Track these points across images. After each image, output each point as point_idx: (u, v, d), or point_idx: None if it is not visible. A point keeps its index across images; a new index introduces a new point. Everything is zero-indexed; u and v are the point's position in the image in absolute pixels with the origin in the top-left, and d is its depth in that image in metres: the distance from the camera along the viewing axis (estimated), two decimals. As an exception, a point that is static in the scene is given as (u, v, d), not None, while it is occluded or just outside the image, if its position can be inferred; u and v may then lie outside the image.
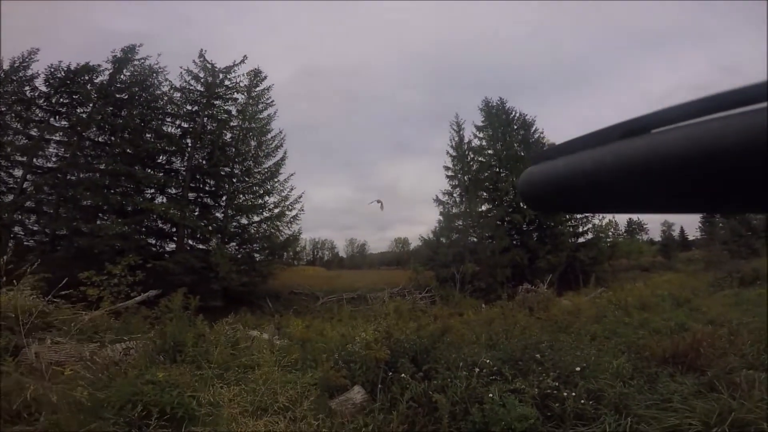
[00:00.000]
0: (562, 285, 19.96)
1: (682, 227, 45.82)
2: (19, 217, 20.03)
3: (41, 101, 21.63)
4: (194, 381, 3.47)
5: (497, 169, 27.91)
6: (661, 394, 3.77)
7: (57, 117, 21.77)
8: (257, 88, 25.01)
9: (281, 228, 23.95)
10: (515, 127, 29.54)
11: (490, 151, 28.88)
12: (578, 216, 27.94)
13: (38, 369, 3.36)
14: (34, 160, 21.12)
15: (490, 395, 3.41)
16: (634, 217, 43.94)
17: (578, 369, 3.96)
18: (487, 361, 4.04)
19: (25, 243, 20.00)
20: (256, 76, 25.04)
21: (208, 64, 23.84)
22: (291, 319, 10.49)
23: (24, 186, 20.83)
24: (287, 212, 24.02)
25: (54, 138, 21.46)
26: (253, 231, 23.58)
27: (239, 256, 22.44)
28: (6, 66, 21.33)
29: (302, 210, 24.25)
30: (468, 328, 6.61)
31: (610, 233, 31.48)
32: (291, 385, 3.66)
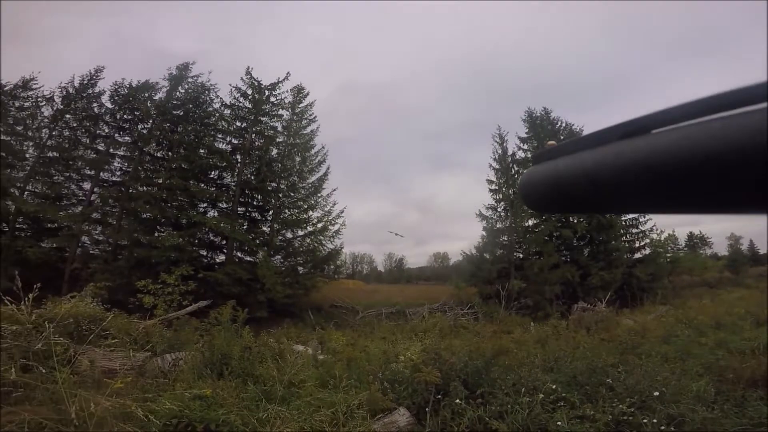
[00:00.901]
0: (618, 303, 18.49)
1: (751, 240, 40.93)
2: (87, 227, 21.50)
3: (107, 117, 23.21)
4: (240, 398, 3.39)
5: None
6: (752, 417, 3.28)
7: (121, 132, 23.38)
8: (300, 105, 25.78)
9: (324, 242, 24.34)
10: (562, 137, 27.67)
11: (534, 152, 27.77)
12: (633, 231, 26.31)
13: (92, 378, 3.43)
14: (101, 173, 22.81)
15: (558, 423, 3.02)
16: (696, 230, 40.16)
17: (656, 394, 3.47)
18: (553, 386, 3.64)
19: (90, 252, 21.64)
20: (299, 92, 25.86)
21: (254, 81, 24.81)
22: (332, 333, 10.43)
23: (92, 198, 22.49)
24: (330, 227, 24.36)
25: (118, 153, 23.12)
26: (297, 245, 24.16)
27: (284, 269, 22.97)
28: (76, 83, 23.18)
29: (344, 225, 24.55)
30: (519, 347, 6.14)
31: (670, 248, 28.91)
32: (336, 405, 3.49)
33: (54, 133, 22.46)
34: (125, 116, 23.22)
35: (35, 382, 3.46)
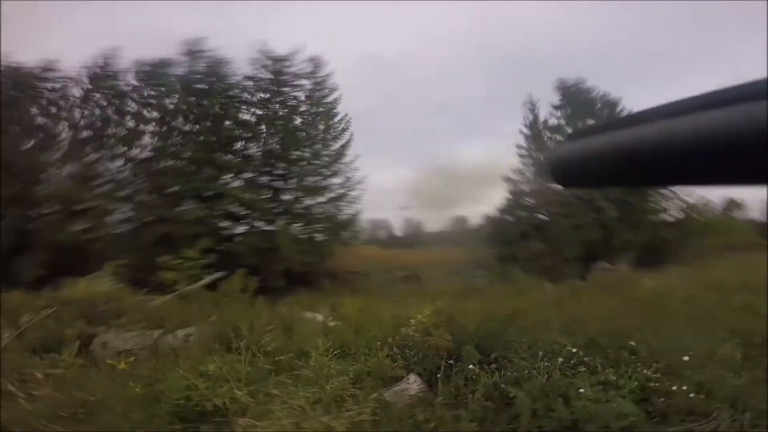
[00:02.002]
0: (642, 264, 18.04)
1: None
2: (114, 206, 21.83)
3: (134, 94, 23.04)
4: (247, 371, 3.33)
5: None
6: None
7: (149, 108, 23.20)
8: (320, 74, 25.34)
9: (344, 208, 24.62)
10: (598, 105, 27.15)
11: (570, 130, 26.94)
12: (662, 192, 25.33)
13: (102, 361, 3.42)
14: (131, 150, 22.70)
15: (581, 390, 2.85)
16: (728, 193, 38.20)
17: (686, 358, 3.25)
18: (573, 349, 3.44)
19: (116, 231, 22.08)
20: (317, 62, 25.27)
21: (271, 53, 24.24)
22: (346, 299, 10.48)
23: (120, 176, 22.50)
24: (351, 192, 24.63)
25: (147, 129, 22.89)
26: (317, 212, 24.29)
27: (301, 236, 23.32)
28: (101, 62, 22.46)
29: (365, 190, 24.74)
30: (535, 309, 5.94)
31: (701, 210, 27.73)
32: (344, 375, 3.40)
33: (86, 112, 22.41)
34: (151, 92, 23.04)
35: (46, 369, 3.48)
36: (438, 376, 3.58)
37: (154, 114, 23.12)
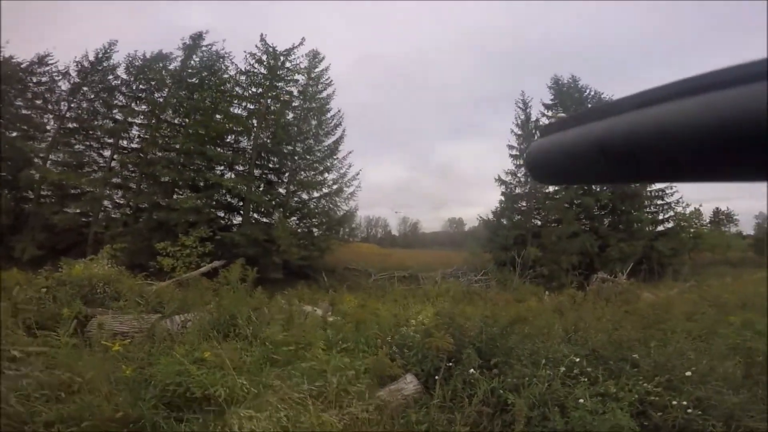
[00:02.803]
0: (639, 276, 17.99)
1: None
2: (108, 191, 22.58)
3: (123, 88, 23.99)
4: (243, 361, 3.30)
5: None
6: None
7: (138, 102, 24.04)
8: (316, 69, 25.78)
9: (339, 204, 24.82)
10: (589, 105, 27.16)
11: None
12: (658, 203, 25.70)
13: (97, 342, 3.37)
14: (120, 141, 23.66)
15: (580, 400, 2.81)
16: (723, 206, 38.05)
17: (689, 374, 3.22)
18: (576, 359, 3.40)
19: (112, 216, 22.51)
20: (315, 57, 25.80)
21: (269, 48, 24.74)
22: (344, 295, 10.46)
23: (112, 164, 23.39)
24: (345, 188, 24.80)
25: (136, 121, 23.82)
26: (312, 206, 24.56)
27: (299, 230, 23.42)
28: (91, 57, 23.75)
29: (359, 187, 24.96)
30: (536, 317, 5.91)
31: (694, 223, 27.69)
32: (342, 370, 3.36)
33: (72, 105, 23.33)
34: (141, 86, 23.90)
35: (41, 348, 3.44)
36: (437, 378, 3.54)
37: (144, 107, 23.75)
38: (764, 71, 0.25)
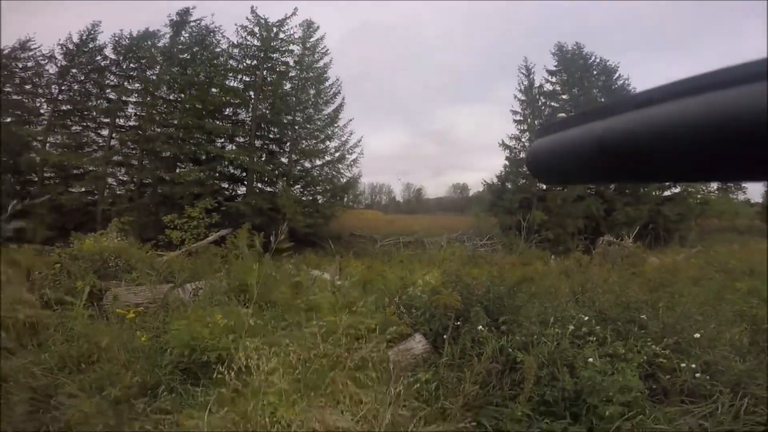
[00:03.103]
0: (642, 241, 17.96)
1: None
2: (111, 169, 22.75)
3: (113, 68, 23.73)
4: (254, 324, 3.36)
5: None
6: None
7: (130, 80, 23.86)
8: (311, 39, 25.37)
9: (342, 171, 24.99)
10: (594, 72, 27.05)
11: (564, 96, 26.79)
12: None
13: (113, 313, 3.45)
14: (117, 120, 23.72)
15: (590, 360, 2.84)
16: None
17: (698, 336, 3.22)
18: (585, 317, 3.42)
19: (117, 192, 22.74)
20: (309, 27, 25.32)
21: (261, 20, 24.21)
22: (351, 261, 10.58)
23: (111, 143, 23.45)
24: (347, 155, 24.89)
25: (131, 99, 23.77)
26: (316, 174, 24.70)
27: (303, 198, 23.59)
28: (76, 40, 23.31)
29: (361, 153, 25.03)
30: (542, 278, 5.94)
31: (702, 188, 27.16)
32: (350, 329, 3.42)
33: (63, 87, 23.15)
34: (131, 65, 23.67)
35: (56, 320, 3.52)
36: (445, 336, 3.58)
37: (137, 85, 23.61)
38: (764, 71, 0.24)
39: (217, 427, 2.16)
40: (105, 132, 23.70)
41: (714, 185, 29.91)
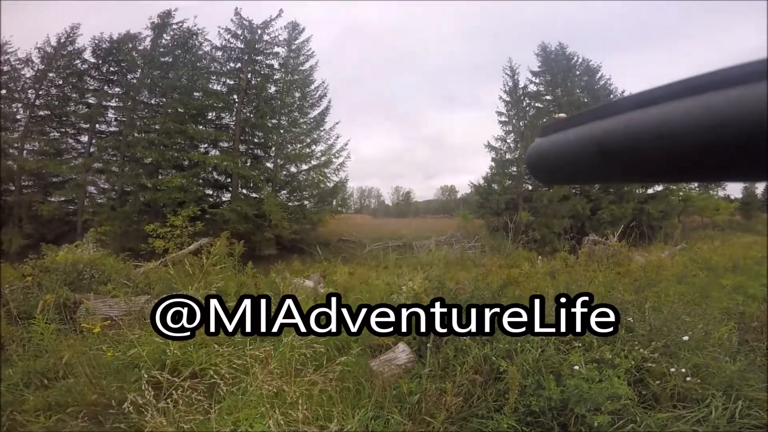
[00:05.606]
0: (627, 239, 18.21)
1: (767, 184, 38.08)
2: (91, 177, 21.93)
3: (93, 72, 23.13)
4: (229, 337, 3.20)
5: (557, 115, 25.88)
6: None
7: (110, 84, 23.26)
8: (296, 41, 25.06)
9: (329, 175, 24.60)
10: (577, 72, 27.59)
11: (548, 97, 27.22)
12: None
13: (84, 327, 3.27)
14: (97, 125, 23.02)
15: (576, 367, 2.76)
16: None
17: (686, 338, 3.18)
18: (569, 322, 3.34)
19: (98, 201, 22.06)
20: (294, 29, 25.03)
21: (245, 22, 23.89)
22: (338, 267, 10.43)
23: (91, 149, 22.76)
24: (334, 159, 24.55)
25: (111, 104, 23.17)
26: (302, 179, 24.33)
27: (290, 204, 23.24)
28: (54, 43, 22.69)
29: (348, 158, 24.76)
30: (528, 280, 5.89)
31: (683, 185, 27.85)
32: (330, 339, 3.29)
33: (41, 92, 22.47)
34: (111, 68, 23.12)
35: (22, 334, 3.36)
36: (428, 345, 3.47)
37: (117, 90, 23.10)
38: (764, 71, 0.24)
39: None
40: (84, 138, 23.11)
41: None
